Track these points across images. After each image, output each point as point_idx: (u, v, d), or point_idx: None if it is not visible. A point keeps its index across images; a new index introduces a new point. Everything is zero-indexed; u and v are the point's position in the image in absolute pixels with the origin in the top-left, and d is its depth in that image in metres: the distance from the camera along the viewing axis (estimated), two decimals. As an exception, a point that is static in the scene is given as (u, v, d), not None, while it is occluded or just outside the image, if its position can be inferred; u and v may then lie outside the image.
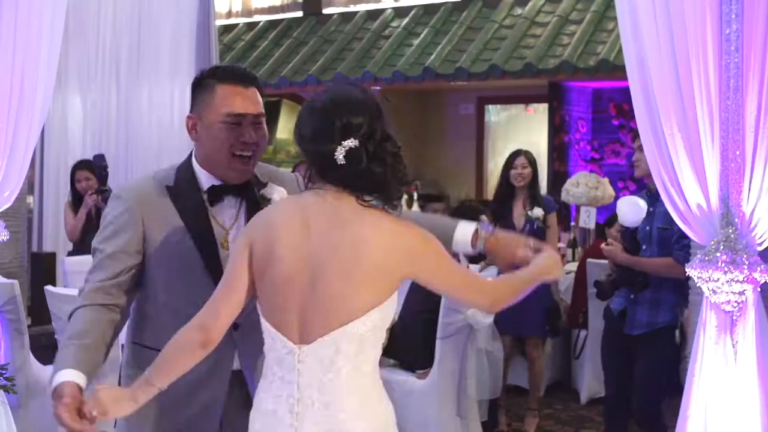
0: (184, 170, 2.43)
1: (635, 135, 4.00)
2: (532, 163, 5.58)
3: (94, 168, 6.28)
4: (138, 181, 2.48)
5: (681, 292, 4.12)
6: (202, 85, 2.41)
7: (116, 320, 2.33)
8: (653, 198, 4.09)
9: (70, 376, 2.10)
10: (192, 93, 2.46)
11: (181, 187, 2.39)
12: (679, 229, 3.22)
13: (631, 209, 4.17)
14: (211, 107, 2.35)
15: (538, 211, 5.46)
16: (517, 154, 5.62)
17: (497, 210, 5.57)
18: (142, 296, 2.43)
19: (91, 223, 6.21)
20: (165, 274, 2.35)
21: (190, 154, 2.47)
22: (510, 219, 5.50)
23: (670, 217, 3.18)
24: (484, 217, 3.50)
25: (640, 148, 3.81)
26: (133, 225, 2.33)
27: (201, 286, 2.29)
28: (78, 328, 2.24)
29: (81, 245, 6.28)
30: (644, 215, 4.17)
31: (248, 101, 2.37)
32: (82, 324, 2.25)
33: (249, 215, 2.38)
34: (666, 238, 4.11)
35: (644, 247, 4.24)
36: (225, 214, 2.40)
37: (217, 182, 2.40)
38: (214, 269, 2.33)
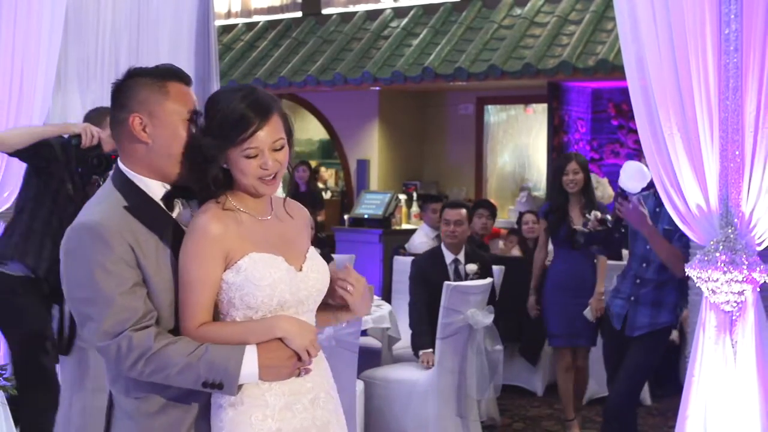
0: (125, 185, 2.27)
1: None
2: (584, 167, 5.38)
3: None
4: (104, 211, 2.22)
5: (682, 292, 4.12)
6: (140, 84, 2.28)
7: None
8: (660, 199, 4.06)
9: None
10: (122, 92, 2.30)
11: (139, 205, 2.25)
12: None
13: (634, 174, 3.98)
14: (165, 105, 2.26)
15: (596, 214, 5.19)
16: (568, 159, 5.44)
17: (554, 218, 5.40)
18: None
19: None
20: (167, 298, 2.21)
21: (116, 168, 2.32)
22: (569, 224, 5.32)
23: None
24: None
25: None
26: (130, 256, 2.17)
27: None
28: (189, 343, 2.16)
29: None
30: (645, 185, 3.99)
31: (194, 99, 2.34)
32: (186, 342, 2.16)
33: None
34: (671, 239, 4.09)
35: (648, 247, 4.22)
36: (184, 217, 2.30)
37: (164, 187, 2.29)
38: None
